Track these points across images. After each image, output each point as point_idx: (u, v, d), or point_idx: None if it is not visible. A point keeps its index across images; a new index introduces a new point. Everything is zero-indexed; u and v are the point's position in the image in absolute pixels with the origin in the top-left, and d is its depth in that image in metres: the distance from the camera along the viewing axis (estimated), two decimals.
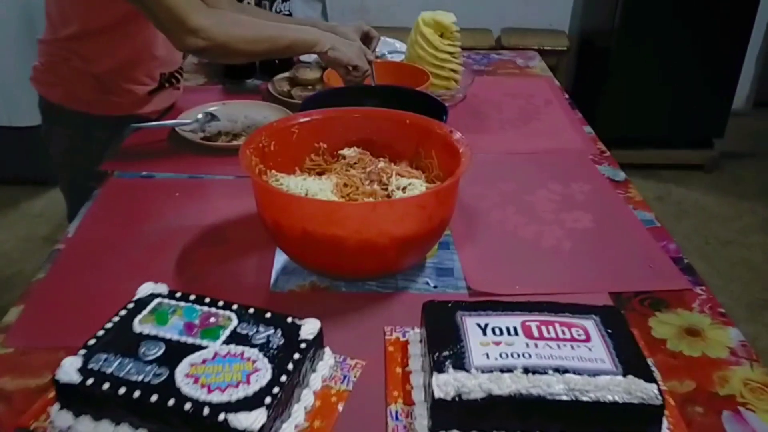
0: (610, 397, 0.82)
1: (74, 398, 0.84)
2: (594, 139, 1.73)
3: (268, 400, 0.81)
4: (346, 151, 1.32)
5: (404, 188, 1.17)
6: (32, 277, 1.18)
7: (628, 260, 1.25)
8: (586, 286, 1.18)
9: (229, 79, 2.03)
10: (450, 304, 0.99)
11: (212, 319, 0.95)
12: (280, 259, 1.22)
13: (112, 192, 1.46)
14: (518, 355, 0.88)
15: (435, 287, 1.18)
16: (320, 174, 1.29)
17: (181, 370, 0.85)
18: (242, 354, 0.88)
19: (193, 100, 1.85)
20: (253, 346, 0.90)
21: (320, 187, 1.16)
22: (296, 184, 1.16)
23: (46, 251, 1.27)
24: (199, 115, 1.70)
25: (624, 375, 0.85)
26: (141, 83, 1.66)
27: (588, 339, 0.92)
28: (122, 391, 0.81)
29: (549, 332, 0.93)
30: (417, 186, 1.17)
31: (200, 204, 1.41)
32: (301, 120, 1.29)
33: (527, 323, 0.95)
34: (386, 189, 1.20)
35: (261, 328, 0.93)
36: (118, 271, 1.19)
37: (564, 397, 0.83)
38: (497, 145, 1.69)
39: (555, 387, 0.83)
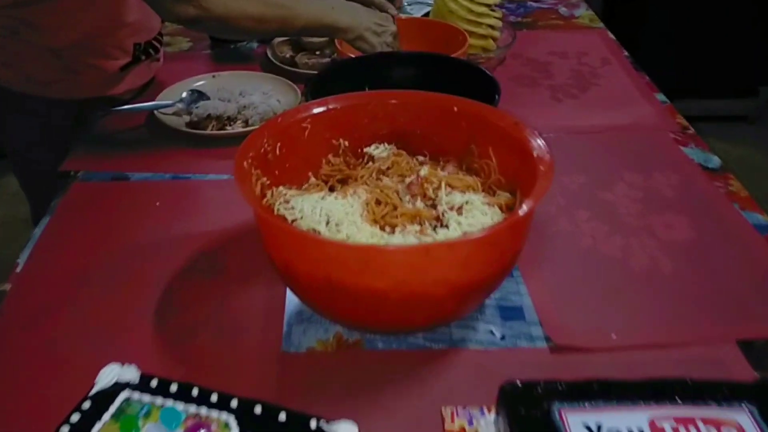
0: None
1: None
2: (671, 110, 1.40)
3: None
4: (374, 150, 1.00)
5: (459, 208, 0.86)
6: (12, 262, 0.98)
7: (750, 287, 0.95)
8: (704, 332, 0.88)
9: (214, 40, 1.69)
10: (540, 389, 0.70)
11: (203, 431, 0.65)
12: (294, 299, 0.92)
13: (75, 201, 1.15)
14: None
15: (503, 338, 0.88)
16: (342, 182, 0.98)
17: None
18: None
19: (176, 72, 1.52)
20: None
21: (345, 210, 0.85)
22: (312, 207, 0.85)
23: (27, 234, 1.03)
24: (183, 94, 1.38)
25: None
26: (110, 57, 1.34)
27: None
28: None
29: None
30: (476, 204, 0.86)
31: (187, 216, 1.10)
32: (315, 111, 0.97)
33: (658, 422, 0.66)
34: (434, 206, 0.89)
35: None
36: (78, 330, 0.89)
37: None
38: (552, 121, 1.37)
39: None
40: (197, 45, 1.71)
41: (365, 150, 1.01)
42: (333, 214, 0.84)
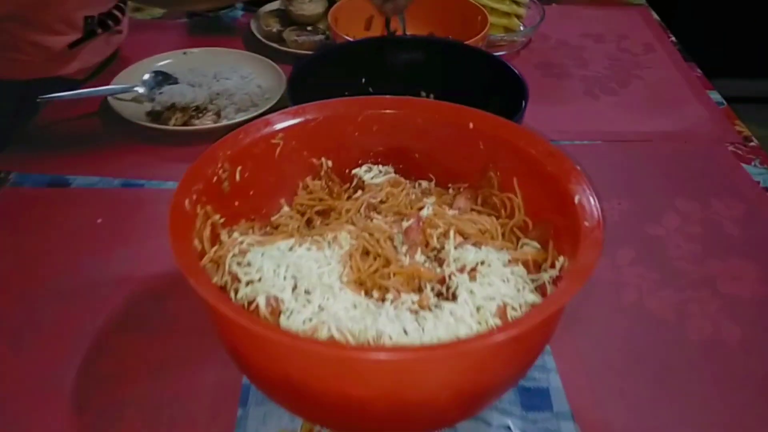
0: None
1: None
2: (728, 114, 1.17)
3: None
4: (365, 173, 0.78)
5: (472, 270, 0.64)
6: None
7: None
8: None
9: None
10: None
11: None
12: None
13: (3, 211, 0.94)
14: None
15: None
16: (323, 214, 0.76)
17: None
18: None
19: (144, 45, 1.29)
20: None
21: (320, 268, 0.64)
22: (276, 264, 0.63)
23: None
24: (146, 76, 1.15)
25: None
26: (54, 32, 1.11)
27: None
28: None
29: None
30: (495, 266, 0.64)
31: (132, 241, 0.88)
32: (289, 123, 0.75)
33: None
34: (438, 259, 0.68)
35: None
36: None
37: None
38: (586, 124, 1.14)
39: None
40: (171, 12, 1.46)
41: (354, 172, 0.79)
42: (303, 275, 0.62)
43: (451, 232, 0.68)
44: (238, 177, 0.71)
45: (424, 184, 0.79)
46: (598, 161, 1.05)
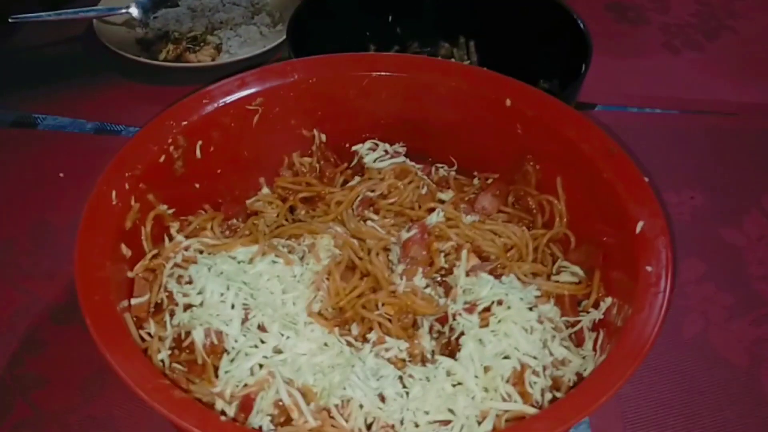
0: None
1: None
2: None
3: None
4: (366, 150, 0.61)
5: (486, 309, 0.48)
6: None
7: None
8: None
9: None
10: None
11: None
12: None
13: None
14: None
15: None
16: (308, 201, 0.60)
17: None
18: None
19: None
20: None
21: (286, 295, 0.48)
22: (225, 279, 0.48)
23: None
24: None
25: None
26: None
27: None
28: None
29: None
30: (518, 307, 0.48)
31: None
32: (272, 83, 0.58)
33: None
34: (446, 285, 0.51)
35: None
36: None
37: None
38: (661, 86, 0.94)
39: None
40: None
41: (354, 149, 0.62)
42: (259, 302, 0.47)
43: (464, 252, 0.51)
44: (198, 153, 0.55)
45: (442, 170, 0.62)
46: (670, 137, 0.85)
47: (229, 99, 0.56)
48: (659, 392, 0.61)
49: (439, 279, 0.52)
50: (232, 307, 0.46)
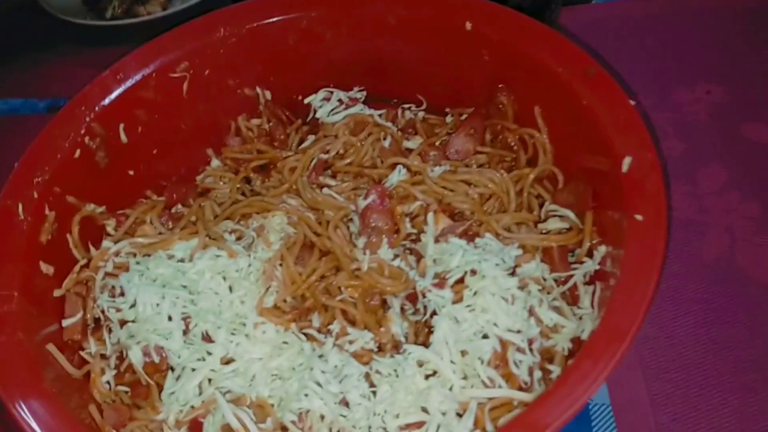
0: None
1: None
2: None
3: None
4: (321, 102, 0.54)
5: (458, 282, 0.41)
6: None
7: None
8: None
9: None
10: None
11: None
12: None
13: None
14: None
15: None
16: (264, 170, 0.53)
17: None
18: None
19: None
20: None
21: (233, 295, 0.43)
22: (160, 286, 0.42)
23: None
24: None
25: None
26: None
27: None
28: None
29: None
30: (494, 275, 0.41)
31: None
32: (195, 43, 0.50)
33: None
34: (417, 253, 0.45)
35: None
36: None
37: None
38: None
39: None
40: None
41: (307, 101, 0.55)
42: (200, 307, 0.42)
43: (430, 216, 0.45)
44: (124, 137, 0.49)
45: (409, 112, 0.54)
46: (681, 23, 0.75)
47: (147, 70, 0.49)
48: (681, 326, 0.54)
49: (409, 246, 0.46)
50: (170, 318, 0.41)
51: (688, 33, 0.74)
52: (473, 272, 0.41)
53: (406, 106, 0.55)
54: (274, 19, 0.51)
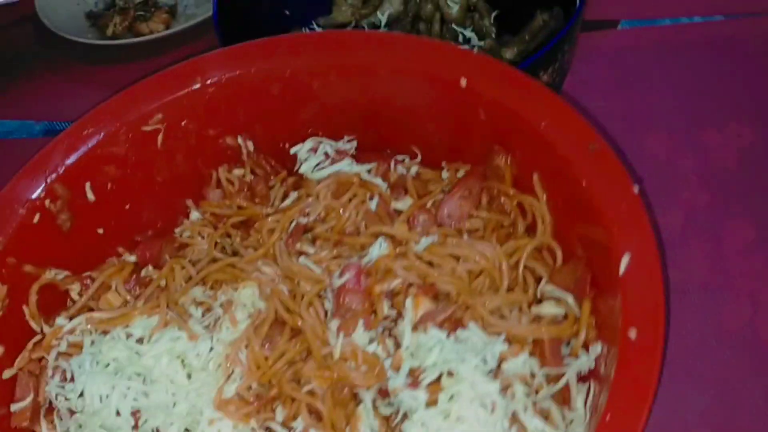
0: None
1: None
2: None
3: None
4: (307, 153, 0.50)
5: (434, 383, 0.38)
6: None
7: None
8: None
9: None
10: None
11: None
12: None
13: None
14: None
15: None
16: (244, 226, 0.50)
17: None
18: None
19: None
20: None
21: (191, 385, 0.39)
22: (111, 373, 0.39)
23: None
24: None
25: None
26: None
27: None
28: None
29: None
30: (474, 380, 0.37)
31: None
32: (171, 95, 0.47)
33: None
34: (395, 339, 0.41)
35: None
36: None
37: None
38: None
39: None
40: None
41: (293, 151, 0.51)
42: (151, 401, 0.39)
43: (409, 300, 0.41)
44: (91, 196, 0.46)
45: (401, 167, 0.50)
46: (712, 54, 0.69)
47: (117, 125, 0.46)
48: (693, 409, 0.50)
49: (387, 326, 0.42)
50: (117, 413, 0.37)
51: (724, 66, 0.68)
52: (450, 374, 0.37)
53: (400, 157, 0.51)
54: (256, 69, 0.47)
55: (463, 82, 0.44)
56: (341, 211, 0.46)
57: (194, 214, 0.51)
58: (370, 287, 0.42)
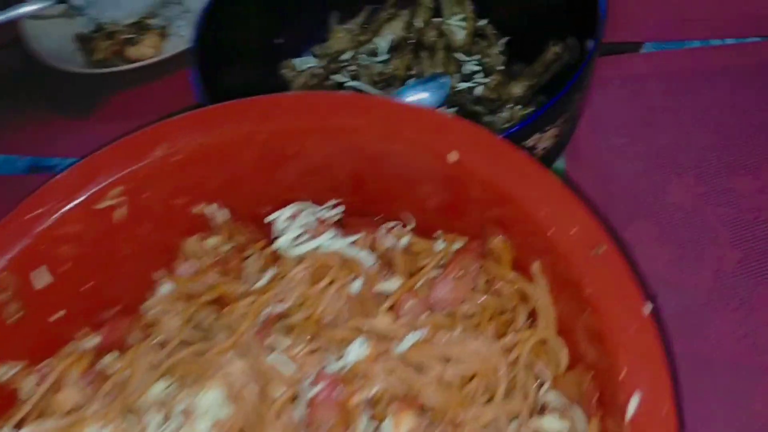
0: None
1: None
2: None
3: None
4: (284, 223, 0.45)
5: None
6: None
7: None
8: None
9: None
10: None
11: None
12: None
13: None
14: None
15: None
16: (219, 302, 0.45)
17: None
18: None
19: None
20: None
21: None
22: None
23: None
24: None
25: None
26: None
27: None
28: None
29: None
30: None
31: None
32: (126, 170, 0.42)
33: None
34: None
35: None
36: None
37: None
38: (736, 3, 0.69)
39: None
40: None
41: (269, 219, 0.46)
42: None
43: (388, 422, 0.36)
44: (46, 279, 0.42)
45: (391, 238, 0.45)
46: (746, 81, 0.62)
47: (72, 203, 0.41)
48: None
49: None
50: None
51: (762, 97, 0.62)
52: None
53: (391, 224, 0.46)
54: (225, 135, 0.42)
55: (454, 156, 0.39)
56: (318, 299, 0.41)
57: (164, 288, 0.47)
58: (344, 399, 0.37)
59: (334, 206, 0.46)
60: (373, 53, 0.66)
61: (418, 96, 0.59)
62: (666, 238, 0.54)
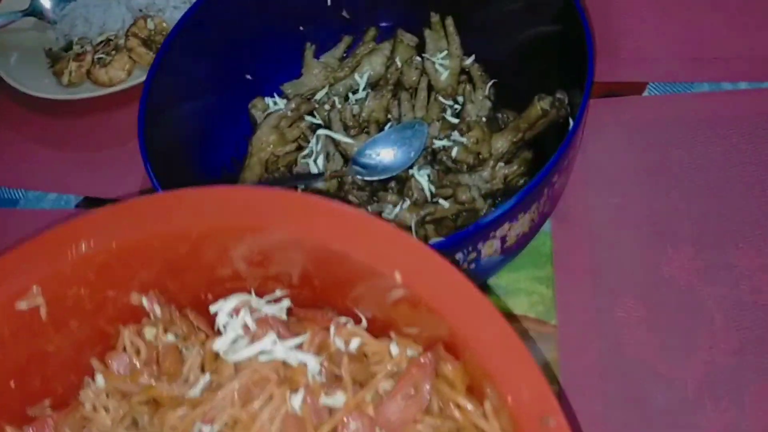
0: None
1: None
2: None
3: None
4: (227, 318, 0.41)
5: None
6: None
7: None
8: None
9: None
10: None
11: None
12: None
13: None
14: None
15: None
16: (151, 405, 0.42)
17: None
18: None
19: None
20: None
21: None
22: None
23: None
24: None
25: None
26: None
27: None
28: None
29: None
30: None
31: None
32: (49, 266, 0.38)
33: None
34: None
35: None
36: None
37: None
38: (746, 40, 0.63)
39: None
40: None
41: (212, 310, 0.42)
42: None
43: None
44: None
45: (338, 341, 0.41)
46: (761, 136, 0.57)
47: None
48: None
49: None
50: None
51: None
52: None
53: (343, 320, 0.42)
54: (153, 233, 0.38)
55: (398, 277, 0.34)
56: (251, 422, 0.37)
57: (100, 380, 0.43)
58: None
59: (280, 299, 0.42)
60: (352, 90, 0.61)
61: (390, 151, 0.54)
62: (655, 321, 0.50)
